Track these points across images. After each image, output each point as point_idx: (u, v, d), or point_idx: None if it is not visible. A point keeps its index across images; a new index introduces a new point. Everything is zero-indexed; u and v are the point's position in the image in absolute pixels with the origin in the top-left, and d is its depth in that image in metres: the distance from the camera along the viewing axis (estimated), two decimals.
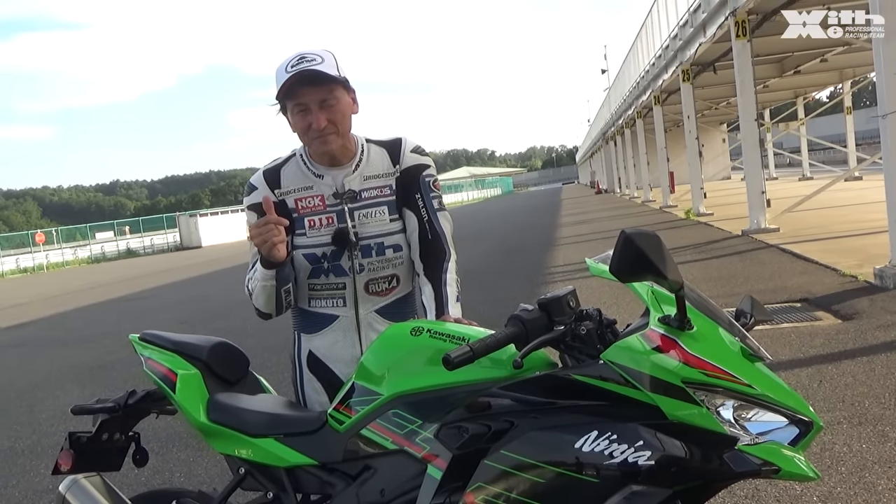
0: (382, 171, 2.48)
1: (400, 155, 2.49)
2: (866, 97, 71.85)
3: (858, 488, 3.58)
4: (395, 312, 2.50)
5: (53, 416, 6.98)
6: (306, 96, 2.28)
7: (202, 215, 61.00)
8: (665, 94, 27.02)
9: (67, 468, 2.52)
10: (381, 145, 2.51)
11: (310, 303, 2.51)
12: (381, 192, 2.46)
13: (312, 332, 2.51)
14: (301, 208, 2.44)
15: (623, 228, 1.65)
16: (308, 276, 2.46)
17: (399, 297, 2.52)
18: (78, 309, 18.48)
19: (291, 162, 2.48)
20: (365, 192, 2.45)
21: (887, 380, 5.06)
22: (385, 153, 2.49)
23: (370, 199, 2.45)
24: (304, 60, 2.26)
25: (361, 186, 2.45)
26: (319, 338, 2.50)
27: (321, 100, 2.30)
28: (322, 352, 2.50)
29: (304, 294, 2.50)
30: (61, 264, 55.42)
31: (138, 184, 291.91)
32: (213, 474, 4.77)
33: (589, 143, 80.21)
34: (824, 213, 16.17)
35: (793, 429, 1.70)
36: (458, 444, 1.85)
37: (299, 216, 2.44)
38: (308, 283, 2.47)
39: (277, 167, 2.48)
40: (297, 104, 2.30)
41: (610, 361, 1.74)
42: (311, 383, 2.52)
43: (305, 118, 2.31)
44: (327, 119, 2.31)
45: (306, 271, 2.45)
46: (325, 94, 2.30)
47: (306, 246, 2.43)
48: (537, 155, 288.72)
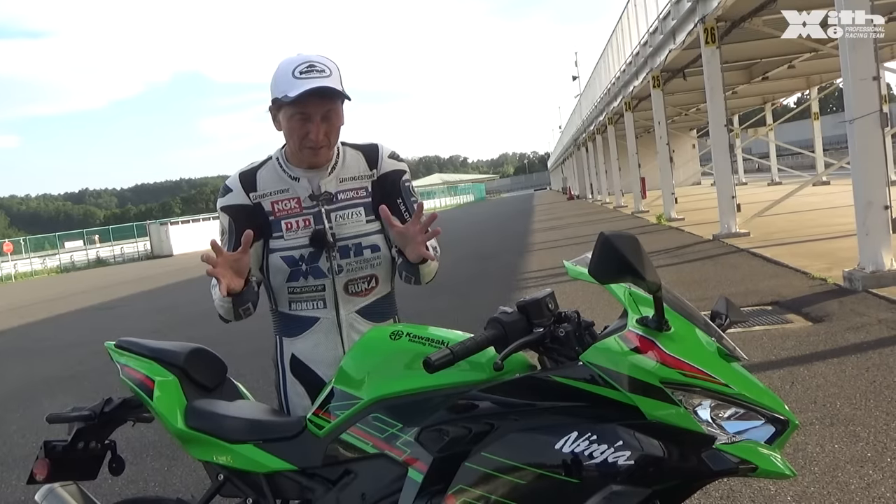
0: (358, 173, 2.49)
1: (378, 160, 2.51)
2: (833, 103, 72.80)
3: (831, 488, 3.63)
4: (376, 312, 2.50)
5: (24, 427, 6.88)
6: (312, 107, 2.29)
7: (173, 223, 60.35)
8: (636, 101, 27.21)
9: (43, 477, 2.49)
10: (357, 149, 2.52)
11: (290, 306, 2.49)
12: (356, 193, 2.47)
13: (294, 335, 2.50)
14: (277, 211, 2.43)
15: (602, 231, 1.67)
16: (287, 280, 2.45)
17: (379, 298, 2.52)
18: (47, 319, 18.23)
19: (268, 165, 2.48)
20: (341, 195, 2.45)
21: (858, 381, 5.14)
22: (361, 157, 2.51)
23: (346, 200, 2.46)
24: (314, 70, 2.26)
25: (337, 188, 2.45)
26: (301, 341, 2.49)
27: (325, 112, 2.31)
28: (305, 355, 2.49)
29: (284, 298, 2.49)
30: (30, 274, 54.61)
31: (108, 192, 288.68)
32: (188, 483, 4.73)
33: (560, 149, 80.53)
34: (793, 217, 16.38)
35: (769, 427, 1.73)
36: (439, 447, 1.86)
37: (276, 219, 2.43)
38: (287, 286, 2.46)
39: (254, 170, 2.47)
40: (301, 112, 2.30)
41: (589, 363, 1.76)
42: (294, 387, 2.51)
43: (304, 126, 2.31)
44: (325, 133, 2.33)
45: (284, 274, 2.44)
46: (329, 107, 2.31)
47: (284, 249, 2.43)
48: (509, 161, 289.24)
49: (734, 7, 13.46)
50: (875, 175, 8.48)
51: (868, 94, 8.30)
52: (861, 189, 8.50)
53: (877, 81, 8.34)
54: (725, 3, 12.91)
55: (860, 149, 8.47)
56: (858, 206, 8.53)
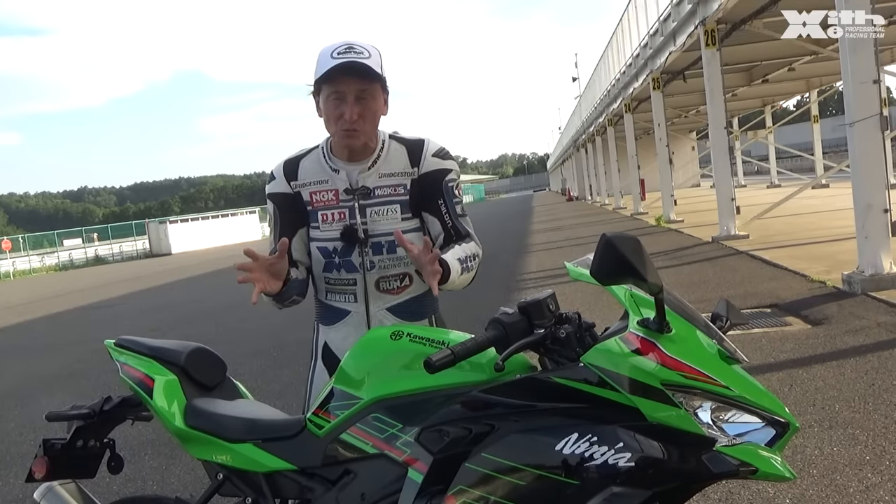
0: (400, 169, 2.44)
1: (421, 158, 2.45)
2: (832, 106, 72.89)
3: (830, 490, 3.63)
4: (409, 311, 2.48)
5: (22, 425, 6.87)
6: (346, 84, 2.27)
7: (172, 222, 60.43)
8: (636, 103, 27.21)
9: (42, 475, 2.49)
10: (402, 143, 2.47)
11: (326, 296, 2.52)
12: (394, 190, 2.43)
13: (328, 323, 2.53)
14: (315, 202, 2.44)
15: (604, 232, 1.67)
16: (322, 270, 2.47)
17: (413, 297, 2.49)
18: (46, 317, 18.23)
19: (313, 154, 2.48)
20: (378, 190, 2.42)
21: (857, 384, 5.14)
22: (405, 152, 2.46)
23: (383, 196, 2.43)
24: (352, 51, 2.25)
25: (376, 183, 2.42)
26: (334, 330, 2.51)
27: (359, 91, 2.29)
28: (336, 344, 2.50)
29: (322, 287, 2.52)
30: (28, 272, 54.61)
31: (107, 190, 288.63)
32: (186, 482, 4.73)
33: (560, 150, 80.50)
34: (792, 220, 16.39)
35: (769, 430, 1.72)
36: (439, 448, 1.85)
37: (313, 209, 2.44)
38: (323, 276, 2.49)
39: (298, 158, 2.48)
40: (335, 91, 2.29)
41: (590, 364, 1.75)
42: (322, 375, 2.52)
43: (339, 107, 2.30)
44: (359, 113, 2.30)
45: (320, 264, 2.46)
46: (364, 86, 2.29)
47: (319, 239, 2.44)
48: (508, 162, 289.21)
49: (735, 9, 13.46)
50: (875, 178, 8.49)
51: (868, 97, 8.31)
52: (861, 192, 8.50)
53: (877, 85, 8.35)
54: (726, 6, 12.91)
55: (860, 152, 8.48)
56: (858, 209, 8.54)
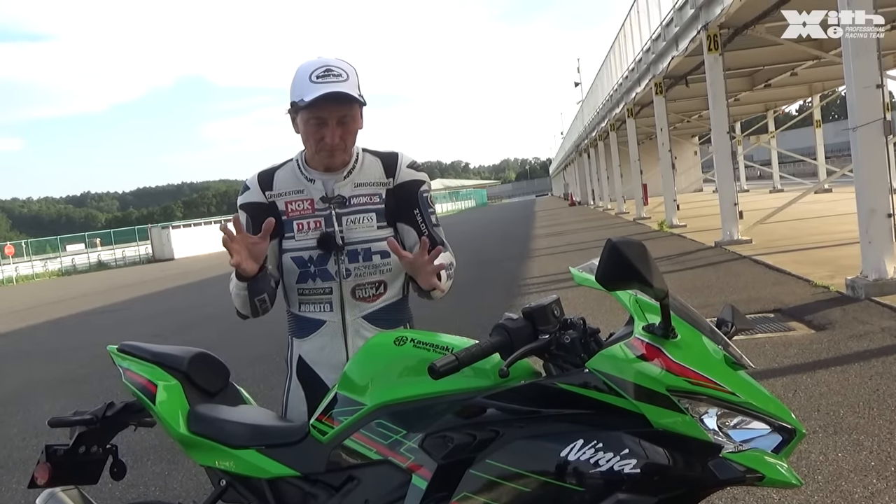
0: (375, 179, 2.49)
1: (396, 169, 2.51)
2: (835, 111, 72.94)
3: (835, 496, 3.61)
4: (384, 319, 2.49)
5: (24, 431, 6.87)
6: (327, 112, 2.32)
7: (174, 227, 60.43)
8: (638, 107, 27.22)
9: (44, 481, 2.49)
10: (376, 156, 2.53)
11: (299, 307, 2.51)
12: (370, 199, 2.47)
13: (302, 336, 2.52)
14: (290, 211, 2.46)
15: (609, 237, 1.66)
16: (296, 281, 2.47)
17: (388, 304, 2.50)
18: (48, 322, 18.22)
19: (288, 166, 2.51)
20: (354, 199, 2.46)
21: (861, 389, 5.12)
22: (380, 164, 2.51)
23: (359, 205, 2.46)
24: (330, 74, 2.29)
25: (352, 193, 2.46)
26: (308, 342, 2.50)
27: (340, 116, 2.33)
28: (311, 356, 2.50)
29: (295, 298, 2.51)
30: (31, 277, 54.70)
31: (109, 195, 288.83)
32: (188, 487, 4.72)
33: (562, 155, 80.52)
34: (795, 224, 16.37)
35: (776, 436, 1.71)
36: (444, 454, 1.84)
37: (288, 219, 2.46)
38: (297, 287, 2.48)
39: (273, 170, 2.52)
40: (316, 117, 2.33)
41: (595, 370, 1.74)
42: (297, 391, 2.52)
43: (320, 130, 2.34)
44: (340, 136, 2.35)
45: (294, 275, 2.46)
46: (345, 112, 2.34)
47: (294, 249, 2.45)
48: (511, 167, 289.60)
49: (737, 14, 13.47)
50: (878, 183, 8.49)
51: (872, 101, 8.32)
52: (864, 197, 8.50)
53: (880, 89, 8.35)
54: (728, 11, 12.92)
55: (863, 156, 8.48)
56: (861, 213, 8.53)
